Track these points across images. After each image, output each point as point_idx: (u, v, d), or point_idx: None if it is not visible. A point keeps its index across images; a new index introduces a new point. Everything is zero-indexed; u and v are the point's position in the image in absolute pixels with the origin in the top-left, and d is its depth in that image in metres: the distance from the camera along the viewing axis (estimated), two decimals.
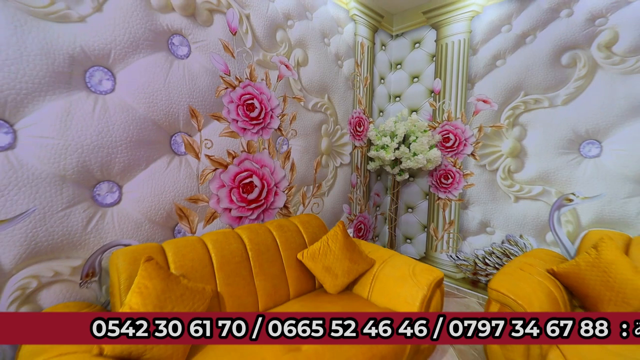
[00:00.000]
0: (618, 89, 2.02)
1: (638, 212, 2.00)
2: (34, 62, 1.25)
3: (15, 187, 1.24)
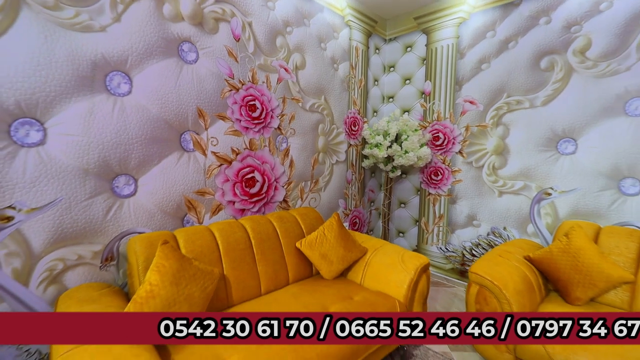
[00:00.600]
0: (591, 92, 2.20)
1: (609, 204, 2.17)
2: (62, 68, 1.41)
3: (45, 179, 1.40)
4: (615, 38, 2.10)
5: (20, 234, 1.36)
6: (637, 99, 2.04)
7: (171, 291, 1.30)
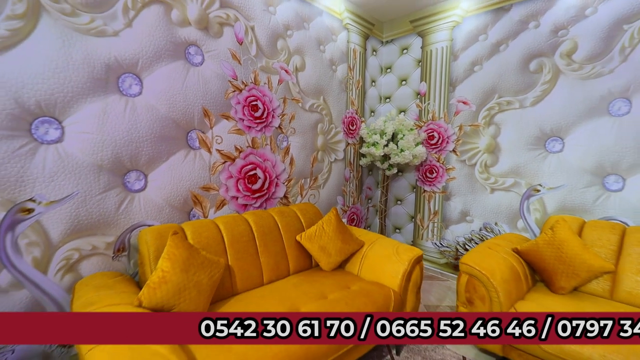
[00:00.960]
0: (577, 93, 2.31)
1: (594, 200, 2.29)
2: (78, 70, 1.51)
3: (63, 174, 1.50)
4: (600, 42, 2.21)
5: (40, 225, 1.46)
6: (619, 100, 2.15)
7: (181, 277, 1.41)
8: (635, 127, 2.10)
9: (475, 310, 1.83)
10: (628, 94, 2.13)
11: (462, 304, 1.91)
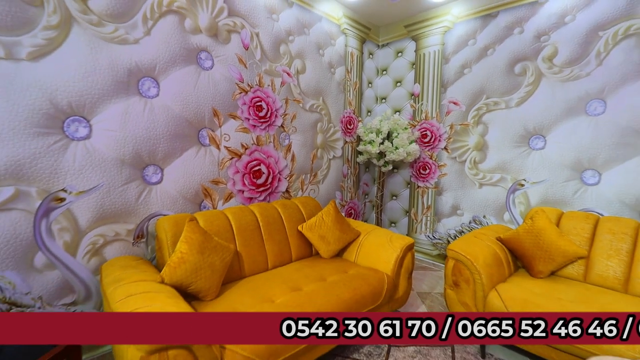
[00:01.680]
0: (557, 94, 2.50)
1: (573, 193, 2.48)
2: (104, 75, 1.69)
3: (90, 167, 1.68)
4: (578, 47, 2.40)
5: (70, 213, 1.64)
6: (595, 100, 2.34)
7: (197, 258, 1.59)
8: (610, 125, 2.29)
9: (460, 291, 2.01)
10: (603, 95, 2.31)
11: (449, 287, 2.10)
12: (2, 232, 1.46)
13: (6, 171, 1.45)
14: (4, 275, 1.49)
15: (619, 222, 2.08)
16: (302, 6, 2.71)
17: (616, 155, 2.28)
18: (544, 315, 1.32)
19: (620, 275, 1.94)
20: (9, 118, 1.44)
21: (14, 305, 1.52)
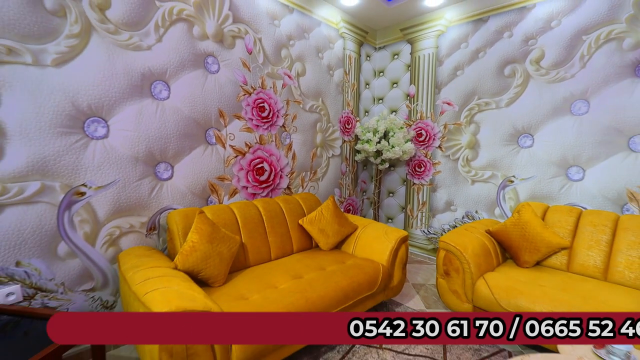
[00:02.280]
0: (544, 95, 2.64)
1: (559, 189, 2.62)
2: (120, 79, 1.83)
3: (108, 164, 1.82)
4: (563, 50, 2.54)
5: (90, 206, 1.78)
6: (579, 101, 2.48)
7: (207, 247, 1.73)
8: (593, 124, 2.43)
9: (450, 280, 2.16)
10: (587, 95, 2.45)
11: (440, 276, 2.24)
12: (29, 223, 1.60)
13: (33, 167, 1.59)
14: (30, 263, 1.63)
15: (599, 215, 2.22)
16: (302, 12, 2.85)
17: (599, 153, 2.42)
18: (612, 315, 1.29)
19: (600, 264, 2.08)
20: (35, 119, 1.58)
21: (39, 290, 1.67)
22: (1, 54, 1.49)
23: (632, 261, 1.97)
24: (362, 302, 2.03)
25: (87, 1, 1.71)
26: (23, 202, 1.58)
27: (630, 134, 2.29)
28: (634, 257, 1.97)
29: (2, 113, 1.51)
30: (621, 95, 2.31)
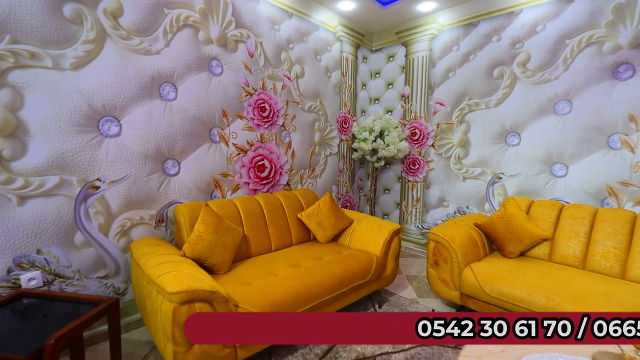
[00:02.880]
0: (530, 96, 2.79)
1: (544, 185, 2.76)
2: (131, 81, 1.97)
3: (120, 160, 1.96)
4: (547, 53, 2.69)
5: (104, 199, 1.92)
6: (563, 101, 2.63)
7: (213, 237, 1.88)
8: (575, 123, 2.58)
9: (440, 269, 2.30)
10: (570, 96, 2.60)
11: (430, 266, 2.38)
12: (49, 214, 1.75)
13: (53, 163, 1.73)
14: (50, 251, 1.77)
15: (579, 209, 2.36)
16: (300, 17, 3.00)
17: (581, 150, 2.56)
18: None
19: (579, 254, 2.23)
20: (55, 118, 1.72)
21: (57, 276, 1.81)
22: (25, 59, 1.63)
23: (607, 251, 2.12)
24: (356, 290, 2.17)
25: (102, 9, 1.85)
26: (43, 195, 1.72)
27: (609, 132, 2.43)
28: (610, 247, 2.12)
29: (25, 113, 1.65)
30: (601, 96, 2.46)
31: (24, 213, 1.67)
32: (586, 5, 2.49)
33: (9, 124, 1.60)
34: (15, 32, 1.60)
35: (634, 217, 2.15)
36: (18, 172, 1.64)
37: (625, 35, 2.34)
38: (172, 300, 1.34)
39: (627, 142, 2.36)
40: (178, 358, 1.38)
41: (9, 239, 1.65)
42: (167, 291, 1.34)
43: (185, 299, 1.35)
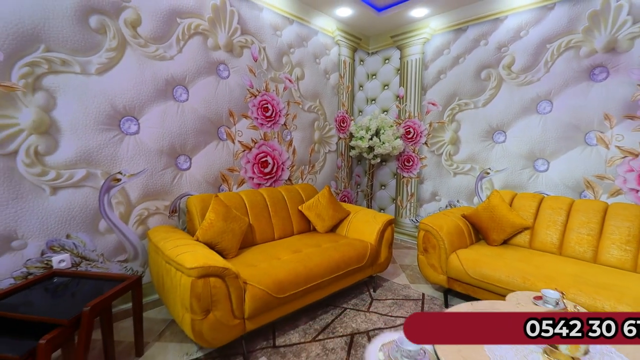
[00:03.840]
0: (515, 96, 3.00)
1: (528, 179, 2.97)
2: (148, 85, 2.19)
3: (139, 155, 2.18)
4: (530, 57, 2.89)
5: (124, 191, 2.14)
6: (544, 101, 2.84)
7: (222, 224, 2.09)
8: (556, 122, 2.78)
9: (429, 256, 2.51)
10: (550, 97, 2.81)
11: (420, 253, 2.59)
12: (77, 203, 1.96)
13: (80, 157, 1.95)
14: (77, 236, 1.99)
15: (557, 200, 2.57)
16: (301, 23, 3.21)
17: (561, 147, 2.77)
18: None
19: (556, 241, 2.44)
20: (82, 118, 1.94)
21: (84, 259, 2.02)
22: (57, 65, 1.85)
23: (581, 238, 2.33)
24: (352, 273, 2.38)
25: (123, 20, 2.06)
26: (72, 186, 1.94)
27: (586, 130, 2.64)
28: (583, 234, 2.32)
29: (57, 113, 1.86)
30: (578, 96, 2.66)
31: (55, 202, 1.89)
32: (565, 13, 2.70)
33: (43, 122, 1.82)
34: (48, 42, 1.81)
35: (605, 207, 2.35)
36: (51, 166, 1.86)
37: (599, 41, 2.55)
38: (190, 274, 1.56)
39: (602, 139, 2.57)
40: (195, 325, 1.60)
41: (43, 225, 1.86)
42: (186, 267, 1.56)
43: (201, 274, 1.56)
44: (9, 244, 1.77)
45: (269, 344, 1.94)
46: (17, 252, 1.80)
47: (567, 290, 1.85)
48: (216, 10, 2.52)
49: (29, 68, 1.76)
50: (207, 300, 1.59)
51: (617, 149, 2.51)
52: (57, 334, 1.34)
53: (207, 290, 1.59)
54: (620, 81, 2.48)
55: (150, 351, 1.87)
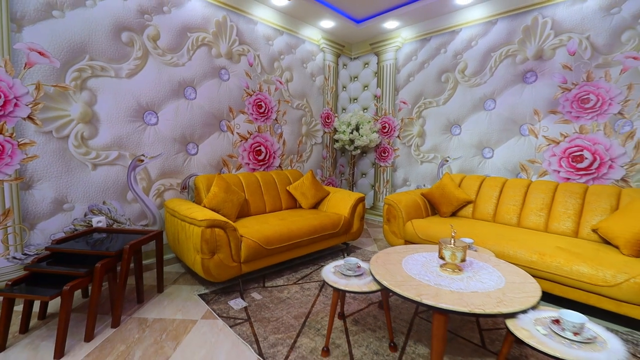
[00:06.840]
0: (467, 95, 3.59)
1: (478, 165, 3.57)
2: (165, 86, 2.77)
3: (156, 142, 2.76)
4: (479, 63, 3.49)
5: (146, 170, 2.72)
6: (489, 100, 3.43)
7: (224, 195, 2.67)
8: (498, 117, 3.38)
9: (391, 224, 3.10)
10: (494, 96, 3.41)
11: (385, 223, 3.18)
12: (111, 177, 2.54)
13: (114, 142, 2.53)
14: (111, 203, 2.56)
15: (494, 180, 3.17)
16: (290, 33, 3.80)
17: (502, 137, 3.37)
18: None
19: (491, 211, 3.03)
20: (116, 112, 2.52)
21: (115, 221, 2.60)
22: (97, 71, 2.43)
23: (509, 208, 2.92)
24: (329, 237, 2.96)
25: (146, 35, 2.64)
26: (108, 164, 2.52)
27: (521, 123, 3.24)
28: (510, 205, 2.92)
29: (98, 107, 2.44)
30: (515, 95, 3.26)
31: (95, 176, 2.46)
32: (505, 27, 3.30)
33: (87, 114, 2.39)
34: (92, 52, 2.39)
35: (528, 184, 2.95)
36: (92, 147, 2.44)
37: (530, 50, 3.14)
38: (201, 225, 2.13)
39: (533, 130, 3.17)
40: (204, 263, 2.17)
41: (86, 193, 2.44)
42: (198, 219, 2.14)
43: (209, 224, 2.14)
44: (61, 206, 2.34)
45: (259, 285, 2.53)
46: (67, 212, 2.37)
47: (487, 242, 2.44)
48: (219, 25, 3.10)
49: (77, 73, 2.34)
50: (213, 244, 2.17)
51: (543, 138, 3.10)
52: (107, 262, 1.92)
53: (213, 237, 2.17)
54: (545, 83, 3.07)
55: (168, 289, 2.45)
